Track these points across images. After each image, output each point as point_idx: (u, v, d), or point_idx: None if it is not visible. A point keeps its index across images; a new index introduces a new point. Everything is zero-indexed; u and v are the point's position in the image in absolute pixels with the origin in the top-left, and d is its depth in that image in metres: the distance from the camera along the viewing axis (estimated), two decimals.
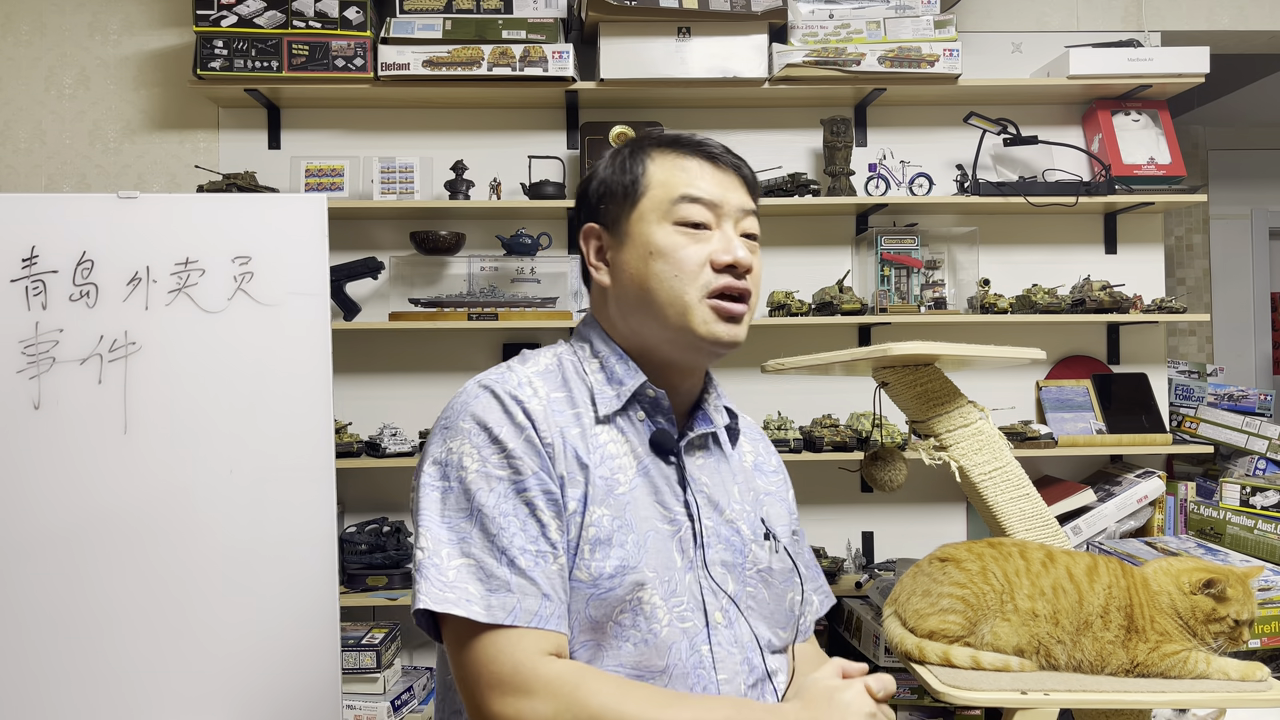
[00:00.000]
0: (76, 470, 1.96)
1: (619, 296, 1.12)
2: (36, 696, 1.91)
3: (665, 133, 1.16)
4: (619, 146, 1.17)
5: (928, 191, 2.67)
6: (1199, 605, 1.48)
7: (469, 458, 1.01)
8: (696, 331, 1.07)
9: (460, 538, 0.98)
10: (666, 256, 1.07)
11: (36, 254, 2.00)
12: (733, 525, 1.13)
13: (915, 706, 2.35)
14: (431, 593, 0.96)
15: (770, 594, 1.15)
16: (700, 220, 1.09)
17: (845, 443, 2.55)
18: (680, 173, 1.10)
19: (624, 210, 1.11)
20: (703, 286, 1.07)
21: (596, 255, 1.15)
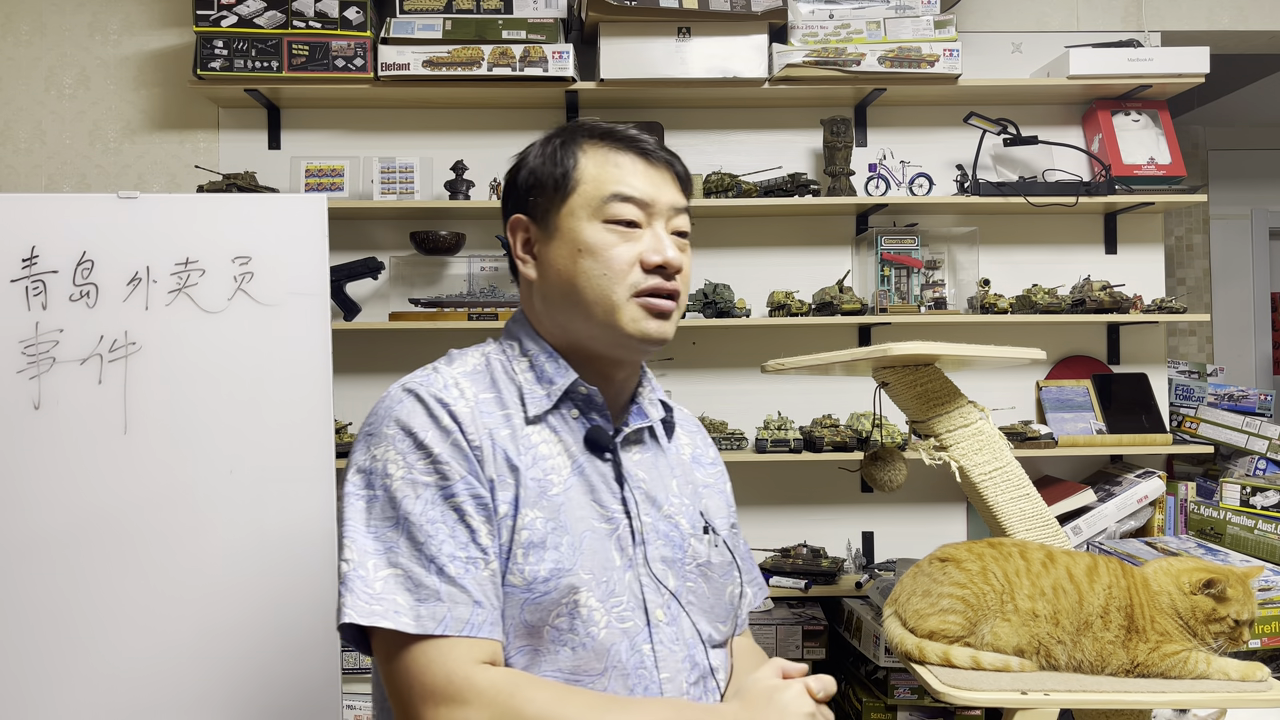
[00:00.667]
0: (76, 470, 1.96)
1: (546, 292, 1.09)
2: (37, 696, 1.91)
3: (598, 123, 1.12)
4: (550, 134, 1.13)
5: (928, 191, 2.67)
6: (1199, 605, 1.48)
7: (394, 464, 0.98)
8: (625, 329, 1.05)
9: (387, 547, 0.96)
10: (596, 255, 1.05)
11: (36, 254, 2.00)
12: (671, 520, 1.11)
13: (915, 706, 2.35)
14: (358, 605, 0.93)
15: (710, 588, 1.13)
16: (631, 218, 1.06)
17: (845, 443, 2.55)
18: (613, 169, 1.07)
19: (554, 204, 1.08)
20: (631, 286, 1.05)
21: (524, 248, 1.11)
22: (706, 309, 2.61)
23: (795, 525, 2.79)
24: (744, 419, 2.73)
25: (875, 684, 2.40)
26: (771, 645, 2.42)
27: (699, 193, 2.66)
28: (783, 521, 2.80)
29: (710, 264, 2.79)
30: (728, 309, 2.60)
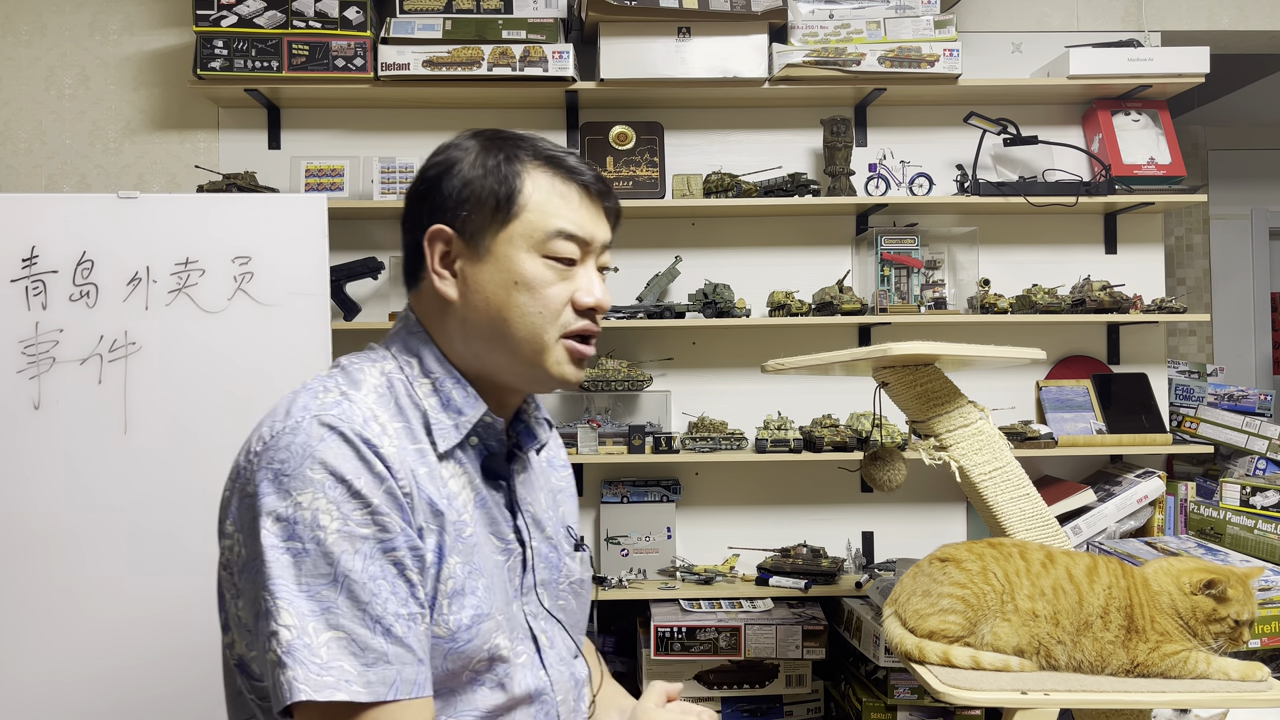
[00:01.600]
0: (76, 470, 1.96)
1: (467, 316, 1.00)
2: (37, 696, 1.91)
3: (539, 143, 1.03)
4: (485, 142, 1.02)
5: (928, 191, 2.67)
6: (1200, 606, 1.48)
7: (325, 515, 0.88)
8: (549, 371, 1.01)
9: (324, 608, 0.87)
10: (533, 291, 0.98)
11: (36, 254, 2.00)
12: (551, 542, 1.10)
13: (915, 706, 2.35)
14: (310, 679, 0.84)
15: (578, 604, 1.14)
16: (570, 256, 1.00)
17: (845, 443, 2.55)
18: (559, 201, 1.00)
19: (491, 225, 0.99)
20: (562, 326, 1.00)
21: (442, 262, 1.01)
22: (706, 309, 2.61)
23: (795, 525, 2.79)
24: (744, 419, 2.73)
25: (875, 684, 2.40)
26: (771, 645, 2.42)
27: (699, 193, 2.66)
28: (783, 521, 2.80)
29: (710, 264, 2.79)
30: (728, 309, 2.60)
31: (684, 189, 2.67)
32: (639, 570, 2.66)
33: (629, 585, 2.57)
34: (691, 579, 2.60)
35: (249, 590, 0.91)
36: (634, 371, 2.61)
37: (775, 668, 2.47)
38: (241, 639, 0.96)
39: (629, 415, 2.73)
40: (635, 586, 2.57)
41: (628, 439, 2.57)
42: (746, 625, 2.42)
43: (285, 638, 0.86)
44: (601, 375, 2.59)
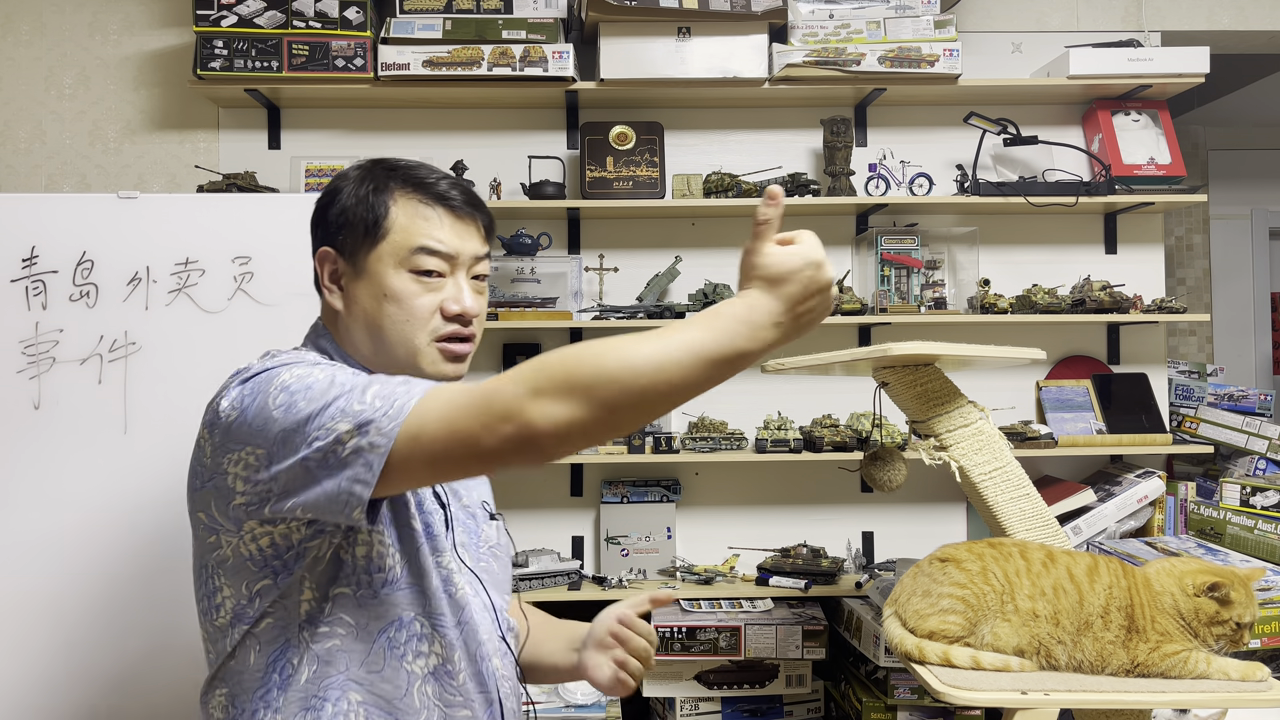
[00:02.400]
0: (76, 470, 1.96)
1: (351, 325, 1.16)
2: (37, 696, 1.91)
3: (411, 170, 1.17)
4: (364, 172, 1.17)
5: (928, 191, 2.67)
6: (1202, 608, 1.48)
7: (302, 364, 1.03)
8: (425, 371, 1.14)
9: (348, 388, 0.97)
10: (400, 303, 1.12)
11: (36, 254, 2.00)
12: (469, 511, 1.24)
13: (915, 706, 2.35)
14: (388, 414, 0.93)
15: (499, 566, 1.26)
16: (434, 269, 1.13)
17: (845, 443, 2.55)
18: (421, 222, 1.14)
19: (363, 246, 1.13)
20: (431, 332, 1.13)
21: (330, 279, 1.17)
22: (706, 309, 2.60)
23: (795, 525, 2.80)
24: (744, 419, 2.73)
25: (875, 684, 2.40)
26: (772, 645, 2.42)
27: (699, 193, 2.66)
28: (783, 521, 2.80)
29: (710, 264, 2.79)
30: None
31: (684, 189, 2.67)
32: (639, 570, 2.66)
33: (629, 585, 2.57)
34: (691, 579, 2.60)
35: (292, 435, 0.97)
36: None
37: (775, 668, 2.47)
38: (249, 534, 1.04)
39: None
40: (635, 586, 2.57)
41: (628, 439, 2.57)
42: (746, 625, 2.42)
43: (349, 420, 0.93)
44: None
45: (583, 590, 2.55)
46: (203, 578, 1.10)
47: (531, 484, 2.76)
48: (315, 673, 1.06)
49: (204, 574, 1.10)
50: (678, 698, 2.46)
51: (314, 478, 0.95)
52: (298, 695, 1.06)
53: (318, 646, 1.06)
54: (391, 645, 1.08)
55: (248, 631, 1.07)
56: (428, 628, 1.11)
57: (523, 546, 2.69)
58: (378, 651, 1.08)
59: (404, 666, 1.08)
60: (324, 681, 1.06)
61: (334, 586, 1.07)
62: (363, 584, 1.07)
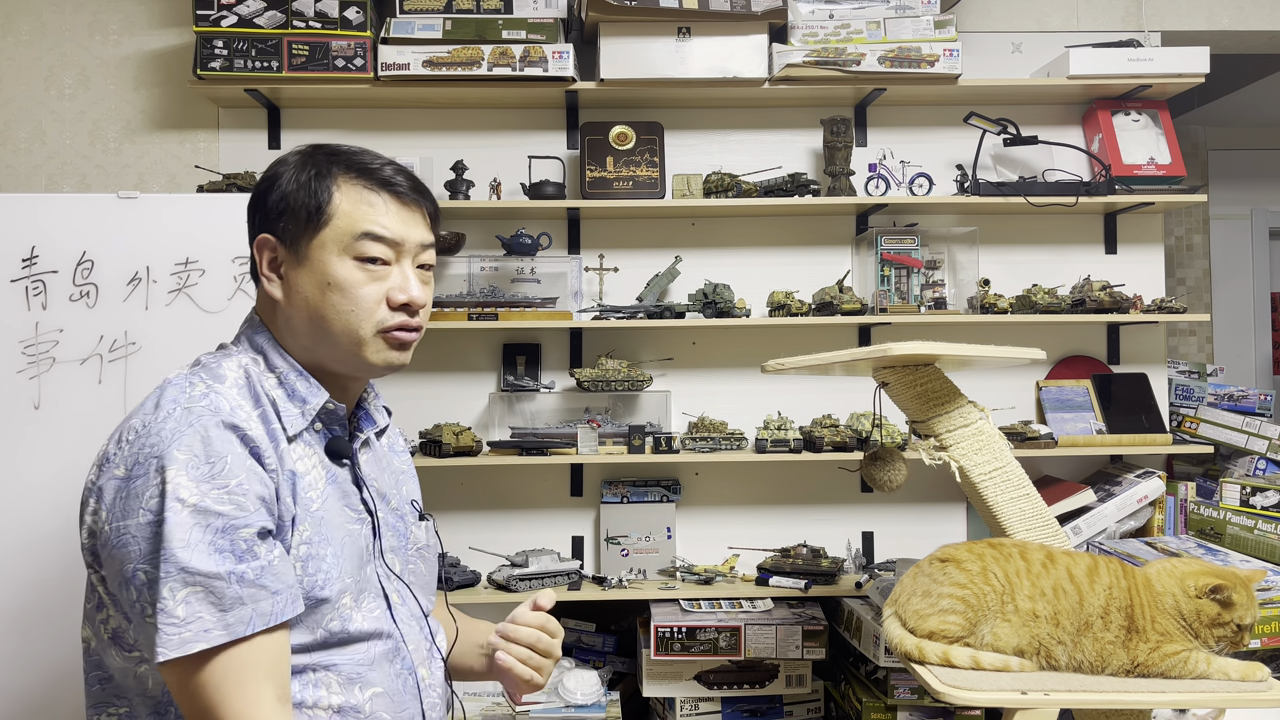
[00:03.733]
0: (76, 470, 1.96)
1: (291, 315, 1.12)
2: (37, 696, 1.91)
3: (353, 155, 1.14)
4: (305, 156, 1.14)
5: (928, 191, 2.67)
6: (1204, 609, 1.48)
7: (186, 491, 0.97)
8: (370, 360, 1.12)
9: (181, 569, 0.95)
10: (344, 291, 1.09)
11: (36, 254, 2.00)
12: (398, 513, 1.22)
13: (915, 706, 2.35)
14: (172, 640, 0.94)
15: (426, 567, 1.26)
16: (379, 256, 1.10)
17: (845, 443, 2.55)
18: (366, 208, 1.10)
19: (305, 233, 1.10)
20: (377, 323, 1.10)
21: (269, 267, 1.13)
22: (706, 309, 2.61)
23: (795, 525, 2.80)
24: (744, 419, 2.73)
25: (875, 684, 2.40)
26: (772, 645, 2.42)
27: (699, 193, 2.66)
28: (783, 521, 2.80)
29: (710, 264, 2.79)
30: (728, 309, 2.60)
31: (684, 189, 2.67)
32: (639, 570, 2.66)
33: (629, 585, 2.57)
34: (691, 579, 2.60)
35: (113, 564, 0.98)
36: (634, 371, 2.61)
37: (775, 668, 2.47)
38: (116, 613, 1.03)
39: (629, 415, 2.73)
40: (635, 586, 2.57)
41: (628, 439, 2.57)
42: (746, 625, 2.42)
43: (150, 603, 0.94)
44: (601, 375, 2.59)
45: (583, 590, 2.55)
46: (90, 586, 1.07)
47: (532, 484, 2.76)
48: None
49: (91, 585, 1.07)
50: (678, 698, 2.46)
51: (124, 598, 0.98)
52: None
53: None
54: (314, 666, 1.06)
55: (132, 664, 1.04)
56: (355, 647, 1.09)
57: (523, 546, 2.69)
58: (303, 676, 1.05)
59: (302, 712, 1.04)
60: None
61: None
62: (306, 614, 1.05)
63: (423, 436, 2.61)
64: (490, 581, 2.60)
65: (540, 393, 2.72)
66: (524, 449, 2.55)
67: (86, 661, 1.09)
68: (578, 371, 2.60)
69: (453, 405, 2.74)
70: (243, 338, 1.16)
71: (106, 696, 1.08)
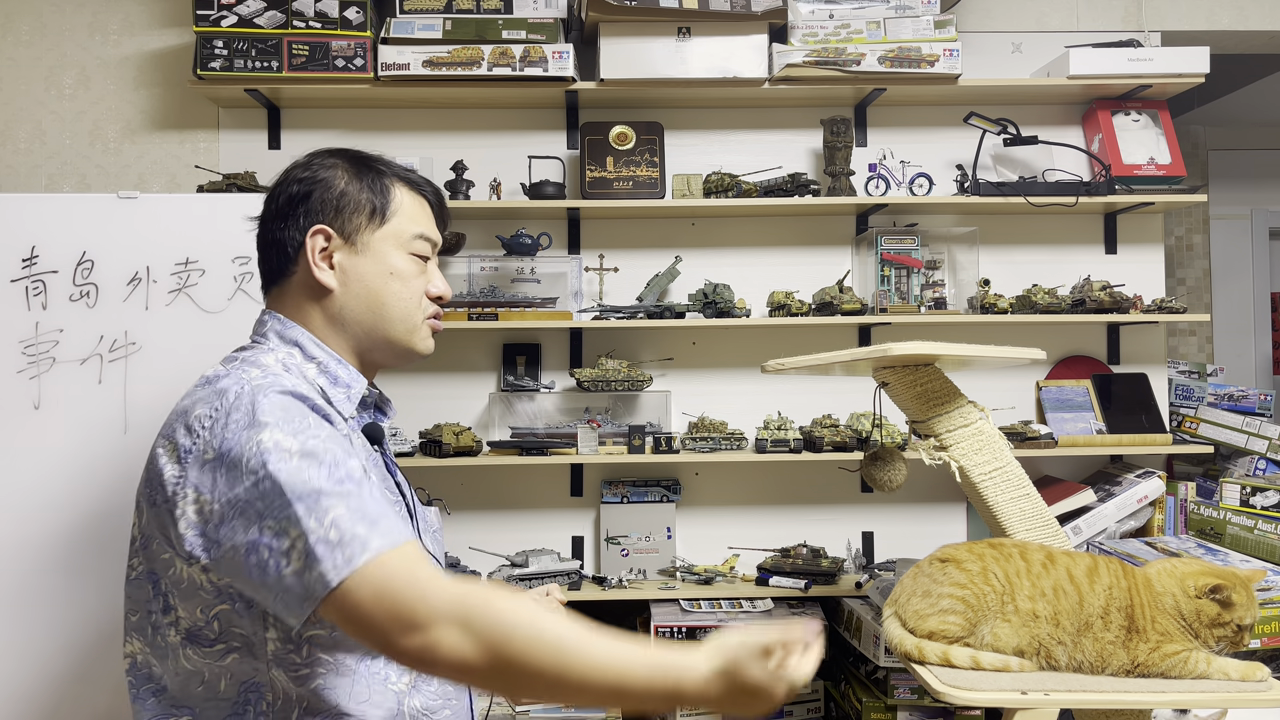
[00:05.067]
0: (76, 470, 1.96)
1: (346, 303, 1.19)
2: (38, 696, 1.91)
3: (394, 162, 1.26)
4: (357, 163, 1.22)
5: (928, 191, 2.67)
6: (1204, 609, 1.48)
7: (290, 438, 1.00)
8: (416, 347, 1.24)
9: (320, 501, 0.97)
10: (405, 280, 1.21)
11: (36, 254, 2.00)
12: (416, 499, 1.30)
13: (915, 706, 2.35)
14: (336, 563, 0.94)
15: (438, 550, 1.31)
16: (425, 254, 1.25)
17: (845, 443, 2.55)
18: (420, 211, 1.25)
19: (370, 225, 1.20)
20: (425, 310, 1.24)
21: (322, 256, 1.19)
22: (706, 309, 2.61)
23: (795, 525, 2.80)
24: (744, 419, 2.73)
25: (875, 684, 2.40)
26: None
27: (699, 193, 2.66)
28: (783, 521, 2.80)
29: (710, 264, 2.79)
30: (728, 309, 2.60)
31: (684, 189, 2.67)
32: (639, 570, 2.66)
33: (629, 585, 2.57)
34: (691, 579, 2.60)
35: (234, 536, 0.98)
36: (634, 371, 2.61)
37: None
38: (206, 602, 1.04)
39: (629, 415, 2.73)
40: (635, 586, 2.57)
41: (628, 439, 2.57)
42: (747, 625, 2.41)
43: (292, 547, 0.95)
44: (601, 375, 2.59)
45: (583, 590, 2.55)
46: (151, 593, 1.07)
47: (532, 484, 2.76)
48: (305, 710, 1.05)
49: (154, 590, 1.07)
50: None
51: (250, 573, 0.97)
52: None
53: (302, 689, 1.05)
54: (371, 671, 1.09)
55: (213, 661, 1.05)
56: None
57: (523, 546, 2.69)
58: (361, 681, 1.08)
59: (389, 689, 1.09)
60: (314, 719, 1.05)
61: (305, 628, 1.04)
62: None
63: (423, 436, 2.62)
64: (490, 581, 2.60)
65: (540, 393, 2.72)
66: (524, 449, 2.55)
67: (134, 677, 1.09)
68: (578, 371, 2.60)
69: (453, 405, 2.74)
70: (271, 335, 1.19)
71: (163, 709, 1.08)
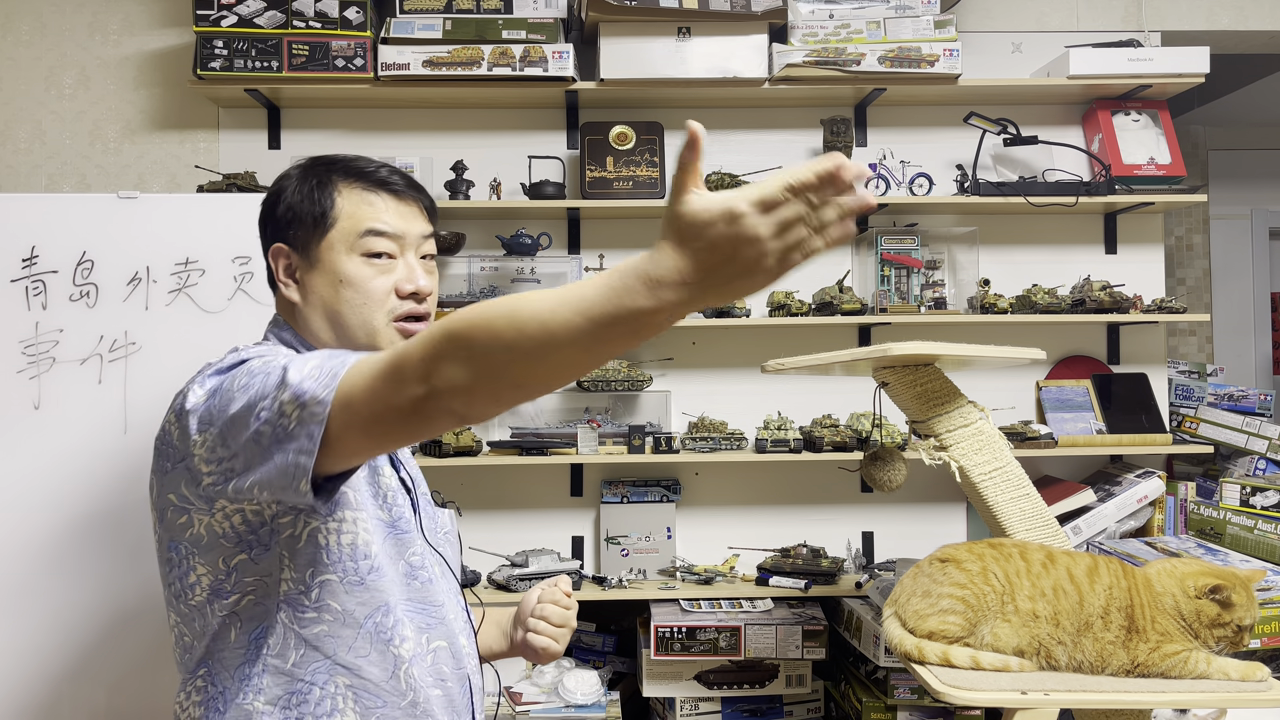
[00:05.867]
0: (76, 470, 1.96)
1: (310, 314, 1.19)
2: (38, 696, 1.91)
3: (350, 160, 1.23)
4: (305, 169, 1.22)
5: (928, 191, 2.67)
6: (1204, 610, 1.48)
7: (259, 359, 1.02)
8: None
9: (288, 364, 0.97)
10: (355, 286, 1.16)
11: (36, 254, 2.00)
12: (426, 497, 1.29)
13: (915, 706, 2.35)
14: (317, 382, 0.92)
15: (452, 551, 1.31)
16: (384, 250, 1.18)
17: (845, 443, 2.55)
18: (366, 207, 1.18)
19: (313, 238, 1.18)
20: (389, 312, 1.17)
21: (285, 273, 1.20)
22: (706, 309, 2.61)
23: (795, 525, 2.80)
24: (744, 419, 2.73)
25: (875, 684, 2.40)
26: (772, 645, 2.42)
27: None
28: (783, 521, 2.80)
29: None
30: (727, 309, 2.60)
31: None
32: (639, 570, 2.66)
33: (629, 585, 2.57)
34: (691, 579, 2.60)
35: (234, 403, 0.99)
36: (634, 371, 2.61)
37: (775, 668, 2.47)
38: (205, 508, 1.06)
39: (629, 415, 2.73)
40: (635, 586, 2.57)
41: (628, 439, 2.57)
42: (746, 625, 2.42)
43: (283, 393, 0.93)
44: (601, 375, 2.59)
45: (583, 590, 2.55)
46: (174, 561, 1.11)
47: (531, 484, 2.76)
48: (302, 657, 1.08)
49: (175, 556, 1.11)
50: (678, 697, 2.46)
51: (267, 452, 0.95)
52: (282, 679, 1.07)
53: (305, 631, 1.08)
54: (379, 630, 1.11)
55: (228, 610, 1.08)
56: (409, 611, 1.14)
57: (523, 546, 2.69)
58: (364, 637, 1.10)
59: (390, 650, 1.11)
60: (311, 666, 1.08)
61: (318, 573, 1.08)
62: (348, 571, 1.09)
63: None
64: (490, 581, 2.60)
65: None
66: (524, 449, 2.55)
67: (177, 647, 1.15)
68: None
69: None
70: (270, 336, 1.23)
71: (189, 669, 1.13)
